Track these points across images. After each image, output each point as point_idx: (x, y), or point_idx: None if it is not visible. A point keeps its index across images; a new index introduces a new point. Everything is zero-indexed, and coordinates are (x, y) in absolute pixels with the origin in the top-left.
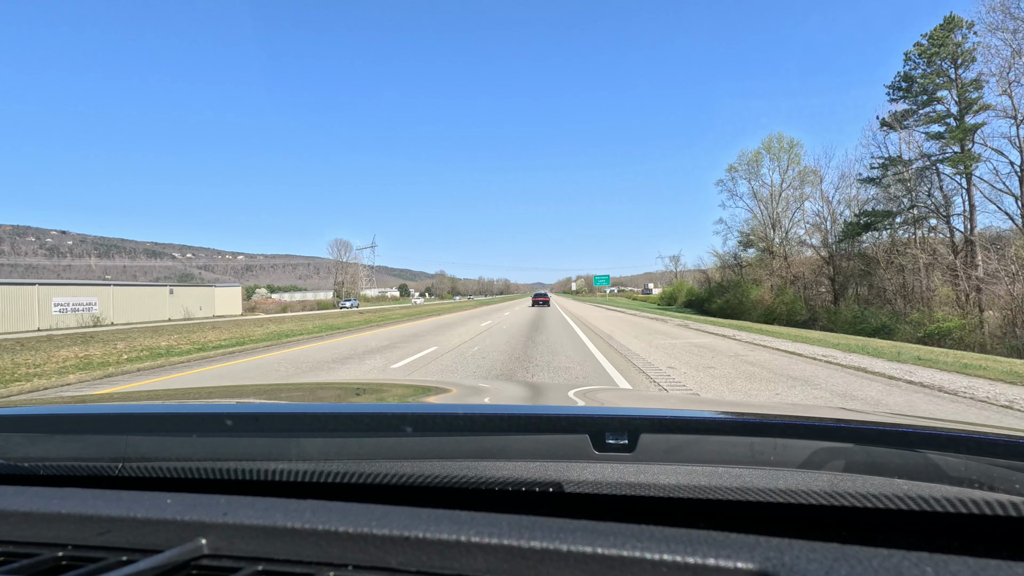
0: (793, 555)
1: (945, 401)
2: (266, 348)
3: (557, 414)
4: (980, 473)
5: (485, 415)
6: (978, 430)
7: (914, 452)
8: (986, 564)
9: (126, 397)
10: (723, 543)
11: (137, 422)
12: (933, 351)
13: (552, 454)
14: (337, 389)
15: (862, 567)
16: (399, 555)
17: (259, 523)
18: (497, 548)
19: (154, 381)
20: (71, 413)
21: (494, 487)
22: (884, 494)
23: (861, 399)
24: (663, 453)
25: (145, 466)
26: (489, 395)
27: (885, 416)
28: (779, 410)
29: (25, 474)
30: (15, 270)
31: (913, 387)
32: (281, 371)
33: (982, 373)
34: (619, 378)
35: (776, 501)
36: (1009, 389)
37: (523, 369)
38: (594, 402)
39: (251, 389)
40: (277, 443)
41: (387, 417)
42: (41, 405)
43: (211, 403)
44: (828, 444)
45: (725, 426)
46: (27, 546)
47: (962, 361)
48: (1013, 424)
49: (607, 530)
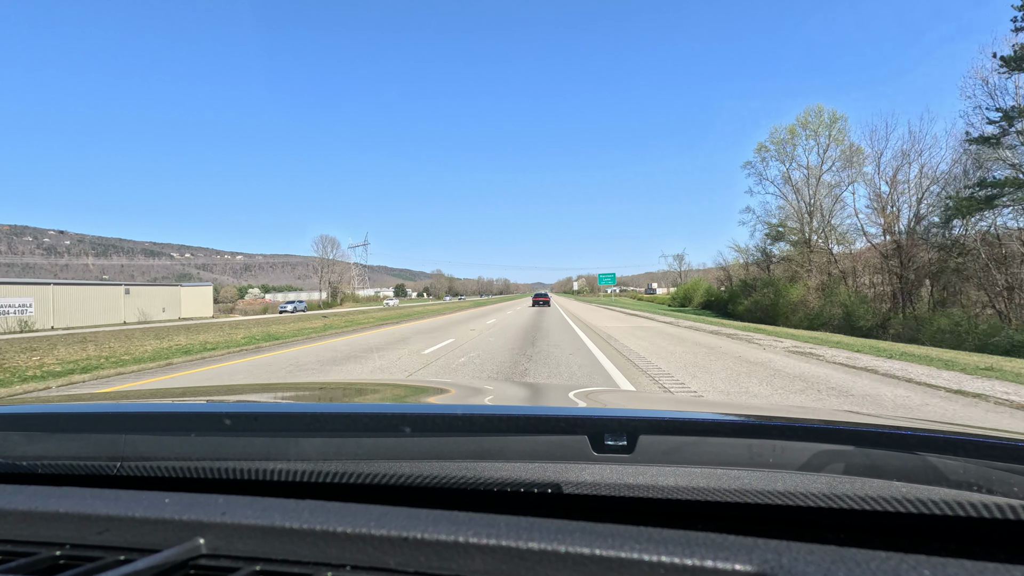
0: (791, 557)
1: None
2: (156, 370)
3: (556, 415)
4: (978, 476)
5: (484, 416)
6: (977, 433)
7: (913, 455)
8: (984, 567)
9: (124, 396)
10: (721, 545)
11: (135, 421)
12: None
13: (551, 455)
14: (336, 389)
15: (860, 569)
16: (397, 555)
17: (257, 523)
18: (495, 549)
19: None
20: (70, 412)
21: (493, 488)
22: (883, 496)
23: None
24: (662, 455)
25: (143, 465)
26: (489, 396)
27: (884, 419)
28: (778, 412)
29: (23, 473)
30: (11, 270)
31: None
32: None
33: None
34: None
35: (775, 503)
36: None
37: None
38: (594, 403)
39: (250, 388)
40: (276, 443)
41: (386, 417)
42: (40, 404)
43: (210, 402)
44: (827, 446)
45: (724, 428)
46: (25, 545)
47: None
48: (1013, 426)
49: (605, 531)
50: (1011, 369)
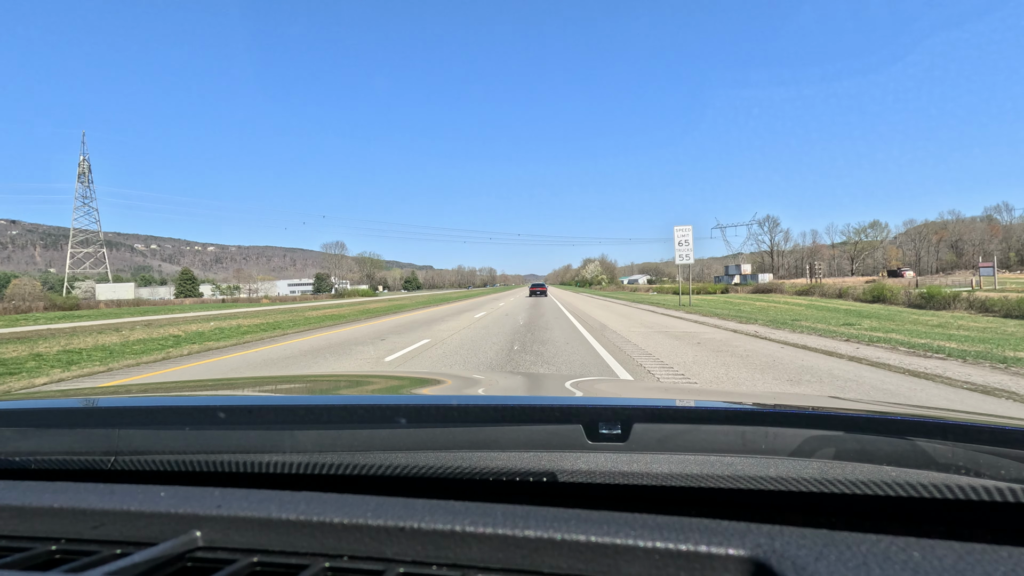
0: (784, 541)
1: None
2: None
3: (551, 404)
4: (967, 459)
5: (479, 406)
6: (965, 418)
7: (902, 439)
8: (971, 548)
9: (118, 391)
10: (715, 530)
11: (129, 415)
12: None
13: (546, 444)
14: (331, 381)
15: (851, 552)
16: (394, 545)
17: (253, 515)
18: (491, 537)
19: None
20: (62, 407)
21: (488, 477)
22: (873, 481)
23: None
24: (656, 442)
25: (138, 459)
26: (484, 386)
27: (875, 404)
28: (771, 399)
29: (17, 468)
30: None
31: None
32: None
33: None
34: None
35: (767, 489)
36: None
37: None
38: (589, 392)
39: (245, 381)
40: (271, 435)
41: (381, 408)
42: (31, 399)
43: (204, 396)
44: (818, 432)
45: (717, 415)
46: (20, 540)
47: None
48: (1002, 411)
49: (600, 519)
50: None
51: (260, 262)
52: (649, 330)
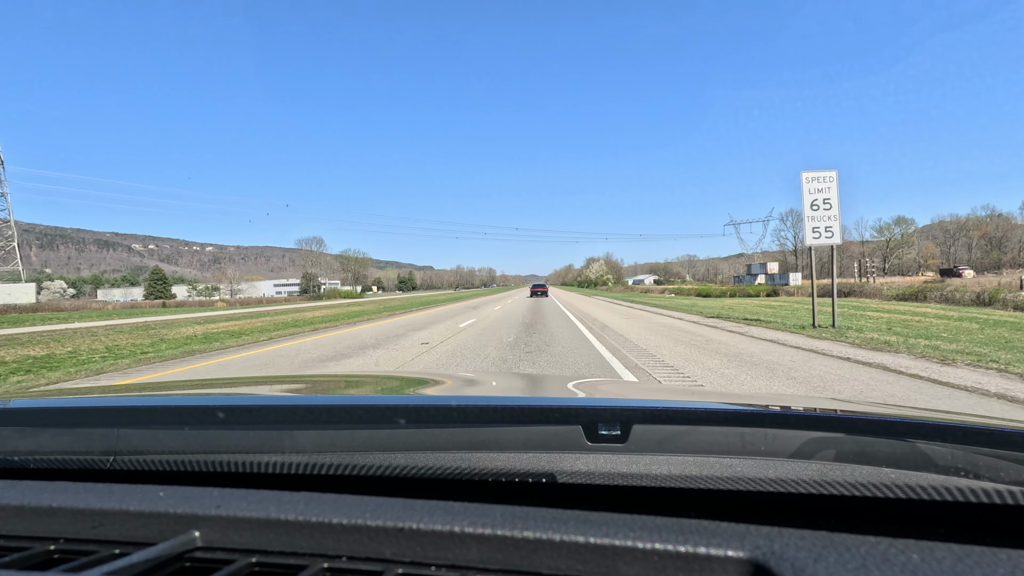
0: (783, 543)
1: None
2: None
3: (550, 405)
4: (966, 462)
5: (479, 407)
6: (964, 420)
7: (902, 441)
8: (970, 550)
9: (117, 390)
10: (714, 532)
11: (128, 415)
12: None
13: (545, 445)
14: (331, 381)
15: (850, 554)
16: (393, 546)
17: (252, 515)
18: (490, 538)
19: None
20: (61, 406)
21: (488, 478)
22: (872, 483)
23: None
24: (655, 444)
25: (137, 459)
26: (484, 387)
27: (874, 406)
28: (770, 401)
29: (16, 468)
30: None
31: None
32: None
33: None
34: None
35: (766, 490)
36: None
37: None
38: (590, 393)
39: (244, 381)
40: (270, 435)
41: (381, 409)
42: (30, 399)
43: (203, 395)
44: (818, 434)
45: (717, 416)
46: (19, 540)
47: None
48: (1001, 413)
49: (599, 520)
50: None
51: (259, 262)
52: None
